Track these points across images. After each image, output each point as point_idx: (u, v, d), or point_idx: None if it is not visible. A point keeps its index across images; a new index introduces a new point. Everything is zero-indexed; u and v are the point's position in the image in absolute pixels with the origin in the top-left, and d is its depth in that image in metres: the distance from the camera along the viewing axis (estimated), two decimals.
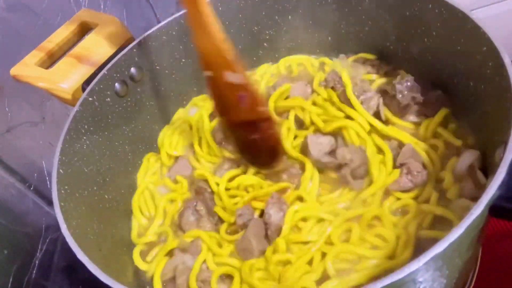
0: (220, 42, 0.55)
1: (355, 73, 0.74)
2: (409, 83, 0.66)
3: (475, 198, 0.52)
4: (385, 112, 0.67)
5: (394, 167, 0.62)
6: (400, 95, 0.65)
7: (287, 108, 0.71)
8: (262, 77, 0.81)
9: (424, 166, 0.61)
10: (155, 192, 0.72)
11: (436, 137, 0.64)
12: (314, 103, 0.70)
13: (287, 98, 0.73)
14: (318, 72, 0.76)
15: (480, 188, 0.54)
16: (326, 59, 0.79)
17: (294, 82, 0.74)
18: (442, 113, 0.64)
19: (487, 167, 0.56)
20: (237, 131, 0.65)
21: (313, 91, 0.73)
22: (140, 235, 0.69)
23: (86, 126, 0.65)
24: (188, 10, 0.55)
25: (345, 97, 0.68)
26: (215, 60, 0.57)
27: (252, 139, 0.64)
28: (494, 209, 0.41)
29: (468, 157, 0.58)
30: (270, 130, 0.63)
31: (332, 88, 0.70)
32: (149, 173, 0.75)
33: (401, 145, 0.64)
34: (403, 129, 0.66)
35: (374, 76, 0.74)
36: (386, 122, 0.67)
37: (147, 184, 0.73)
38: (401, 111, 0.66)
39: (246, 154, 0.68)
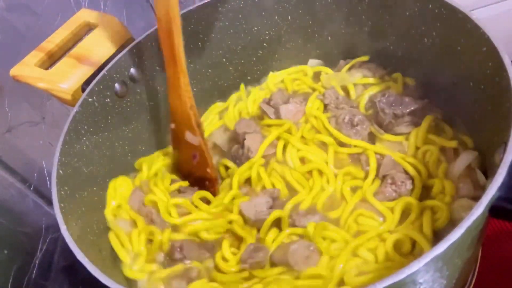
0: (188, 107, 0.65)
1: (351, 79, 0.74)
2: (391, 98, 0.67)
3: (474, 198, 0.53)
4: (373, 130, 0.67)
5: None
6: (382, 114, 0.66)
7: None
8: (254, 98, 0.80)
9: (410, 176, 0.62)
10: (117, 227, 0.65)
11: (429, 144, 0.64)
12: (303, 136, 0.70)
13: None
14: (315, 85, 0.77)
15: (479, 188, 0.55)
16: (322, 68, 0.80)
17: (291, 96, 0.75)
18: (428, 119, 0.65)
19: (487, 168, 0.56)
20: (188, 175, 0.72)
21: (304, 113, 0.73)
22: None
23: (86, 127, 0.65)
24: (168, 71, 0.63)
25: (337, 121, 0.69)
26: (181, 119, 0.67)
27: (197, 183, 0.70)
28: (494, 210, 0.41)
29: (466, 158, 0.59)
30: (212, 188, 0.70)
31: (326, 106, 0.72)
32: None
33: (382, 157, 0.64)
34: (391, 144, 0.66)
35: (370, 79, 0.74)
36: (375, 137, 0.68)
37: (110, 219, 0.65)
38: (387, 126, 0.67)
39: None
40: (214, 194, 0.69)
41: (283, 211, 0.62)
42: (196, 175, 0.71)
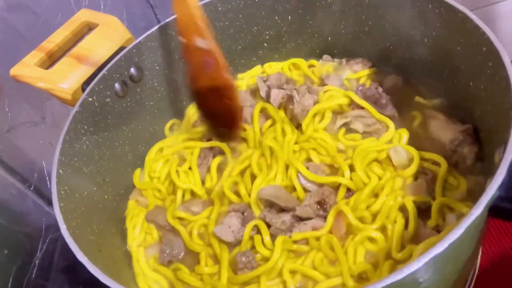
0: (193, 8, 0.61)
1: (342, 73, 0.76)
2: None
3: None
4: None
5: None
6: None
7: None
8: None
9: None
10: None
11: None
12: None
13: None
14: (310, 74, 0.79)
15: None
16: (314, 62, 0.80)
17: None
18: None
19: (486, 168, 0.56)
20: (203, 99, 0.68)
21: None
22: None
23: (85, 127, 0.65)
24: None
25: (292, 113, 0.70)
26: (188, 26, 0.63)
27: (214, 107, 0.67)
28: (494, 210, 0.41)
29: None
30: (231, 100, 0.65)
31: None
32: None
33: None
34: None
35: (360, 72, 0.76)
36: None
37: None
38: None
39: (209, 122, 0.72)
40: (234, 108, 0.66)
41: (256, 219, 0.61)
42: (213, 86, 0.65)
